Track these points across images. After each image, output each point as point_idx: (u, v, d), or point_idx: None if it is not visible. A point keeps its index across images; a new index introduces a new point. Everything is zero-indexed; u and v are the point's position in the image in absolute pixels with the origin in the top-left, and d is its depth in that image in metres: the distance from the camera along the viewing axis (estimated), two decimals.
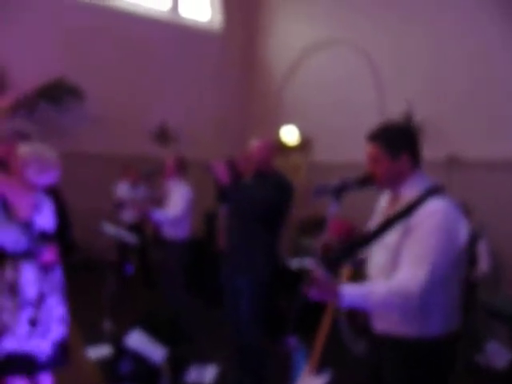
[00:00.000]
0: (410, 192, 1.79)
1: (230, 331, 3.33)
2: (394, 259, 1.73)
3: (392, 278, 1.71)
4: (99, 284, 4.53)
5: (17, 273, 2.29)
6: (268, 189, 3.01)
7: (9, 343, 2.24)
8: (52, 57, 6.73)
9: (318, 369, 1.95)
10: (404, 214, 1.72)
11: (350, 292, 1.69)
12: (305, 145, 7.41)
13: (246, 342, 3.18)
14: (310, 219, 6.47)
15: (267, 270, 3.10)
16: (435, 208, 1.68)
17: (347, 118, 6.48)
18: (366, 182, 1.88)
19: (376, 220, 1.97)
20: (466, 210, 4.15)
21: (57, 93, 6.54)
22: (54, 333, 2.39)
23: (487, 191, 4.83)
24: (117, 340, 3.53)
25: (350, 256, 1.88)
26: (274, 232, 3.15)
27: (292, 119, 7.50)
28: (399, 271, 1.69)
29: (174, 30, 8.17)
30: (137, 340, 3.29)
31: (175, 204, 4.28)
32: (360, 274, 1.97)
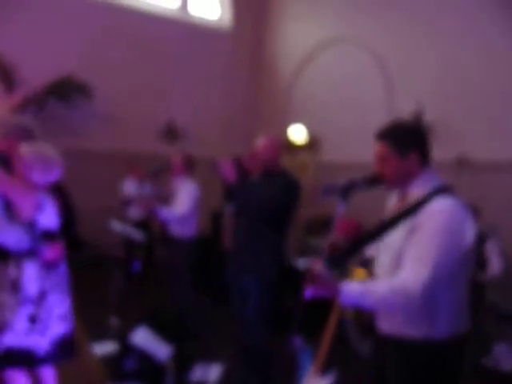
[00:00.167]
0: (417, 191, 1.76)
1: (235, 329, 3.33)
2: (399, 258, 1.71)
3: (395, 276, 1.69)
4: (106, 280, 4.54)
5: (19, 270, 2.30)
6: (275, 188, 2.99)
7: (8, 338, 2.26)
8: (62, 54, 6.76)
9: (324, 369, 1.94)
10: (409, 213, 1.70)
11: (351, 289, 1.68)
12: (313, 144, 7.38)
13: (252, 341, 3.17)
14: (317, 219, 6.44)
15: (274, 270, 3.09)
16: (441, 207, 1.66)
17: (356, 117, 6.45)
18: (374, 181, 1.87)
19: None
20: (474, 210, 4.11)
21: (65, 90, 6.57)
22: (53, 330, 2.40)
23: (497, 192, 4.78)
24: (122, 337, 3.53)
25: (355, 254, 1.87)
26: (280, 231, 3.13)
27: (300, 118, 7.47)
28: (402, 270, 1.67)
29: (184, 28, 8.17)
30: (142, 337, 3.30)
31: (182, 202, 4.28)
32: (370, 274, 1.95)
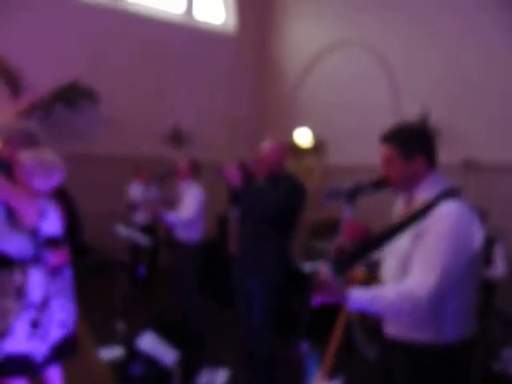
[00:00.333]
0: (424, 194, 1.74)
1: (241, 334, 3.31)
2: (406, 263, 1.69)
3: (402, 282, 1.67)
4: (112, 285, 4.54)
5: (25, 277, 2.30)
6: (280, 191, 2.98)
7: (8, 344, 2.26)
8: (67, 59, 6.79)
9: (331, 375, 1.92)
10: (417, 217, 1.68)
11: (358, 295, 1.66)
12: (318, 147, 7.36)
13: (257, 345, 3.16)
14: (323, 222, 6.42)
15: (279, 273, 3.08)
16: (448, 211, 1.64)
17: (361, 119, 6.43)
18: (380, 184, 1.85)
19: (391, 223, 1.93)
20: (481, 213, 4.07)
21: (71, 95, 6.60)
22: (53, 335, 2.40)
23: (504, 195, 4.74)
24: (129, 341, 3.53)
25: (362, 258, 1.85)
26: (285, 234, 3.12)
27: (305, 121, 7.46)
28: (410, 275, 1.66)
29: (188, 32, 8.20)
30: (149, 342, 3.29)
31: (188, 206, 4.28)
32: (374, 277, 1.94)
